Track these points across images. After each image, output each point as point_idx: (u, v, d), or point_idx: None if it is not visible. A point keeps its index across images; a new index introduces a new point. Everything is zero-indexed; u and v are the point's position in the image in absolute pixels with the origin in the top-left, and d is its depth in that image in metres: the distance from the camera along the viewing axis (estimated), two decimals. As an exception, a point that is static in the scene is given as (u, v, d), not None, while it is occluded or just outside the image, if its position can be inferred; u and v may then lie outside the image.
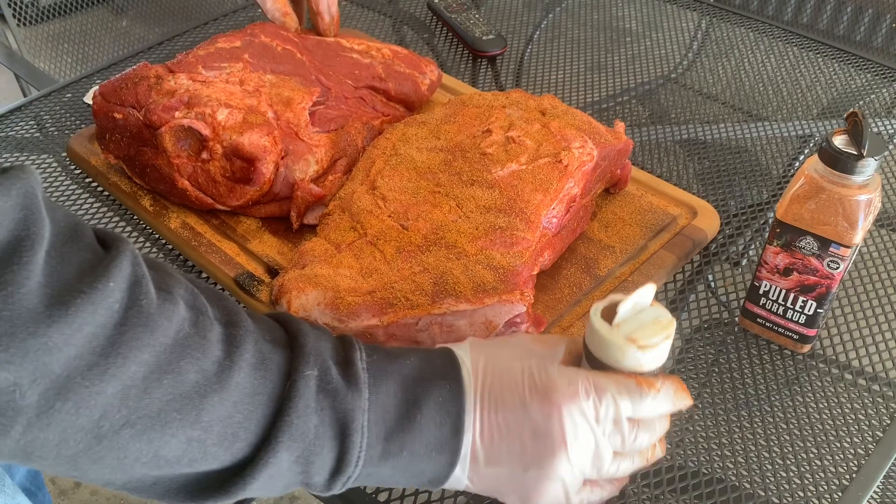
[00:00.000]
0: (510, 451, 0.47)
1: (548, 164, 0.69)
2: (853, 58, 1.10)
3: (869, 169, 0.58)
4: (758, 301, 0.67)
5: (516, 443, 0.47)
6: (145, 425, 0.40)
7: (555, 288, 0.69)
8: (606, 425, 0.48)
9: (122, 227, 0.79)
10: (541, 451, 0.47)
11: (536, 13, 1.22)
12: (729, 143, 0.94)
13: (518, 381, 0.48)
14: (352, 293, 0.61)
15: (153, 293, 0.42)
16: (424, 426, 0.46)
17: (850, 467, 0.59)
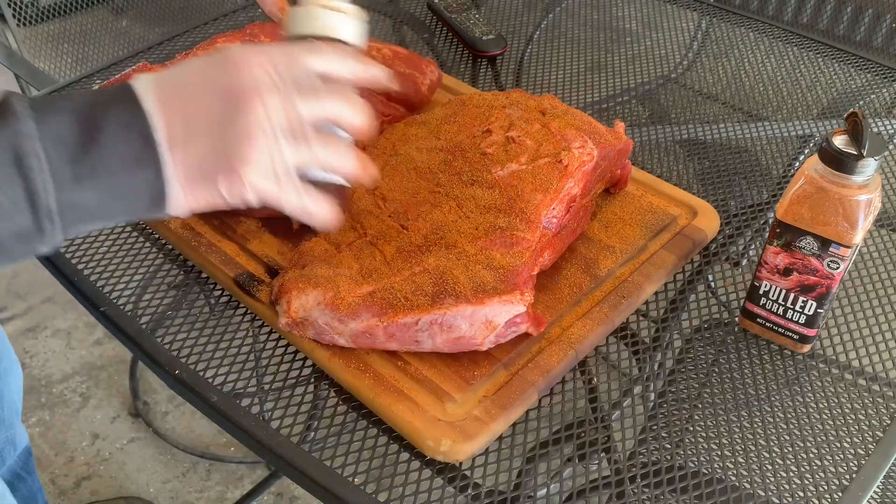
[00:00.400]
0: (207, 126, 0.48)
1: (548, 164, 0.69)
2: (853, 58, 1.10)
3: (869, 169, 0.58)
4: (758, 301, 0.67)
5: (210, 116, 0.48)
6: None
7: (555, 288, 0.69)
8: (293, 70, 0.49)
9: (122, 227, 0.79)
10: (234, 108, 0.48)
11: (536, 13, 1.22)
12: (729, 143, 0.94)
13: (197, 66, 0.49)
14: (352, 293, 0.61)
15: None
16: (111, 144, 0.46)
17: (850, 467, 0.59)
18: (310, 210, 0.53)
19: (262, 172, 0.49)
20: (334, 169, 0.53)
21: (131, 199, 0.47)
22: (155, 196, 0.48)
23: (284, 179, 0.51)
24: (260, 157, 0.49)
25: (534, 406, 0.63)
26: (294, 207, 0.52)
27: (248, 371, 0.65)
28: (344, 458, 0.59)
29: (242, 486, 1.46)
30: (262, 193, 0.50)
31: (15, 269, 1.89)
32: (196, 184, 0.49)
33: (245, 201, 0.50)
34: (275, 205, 0.51)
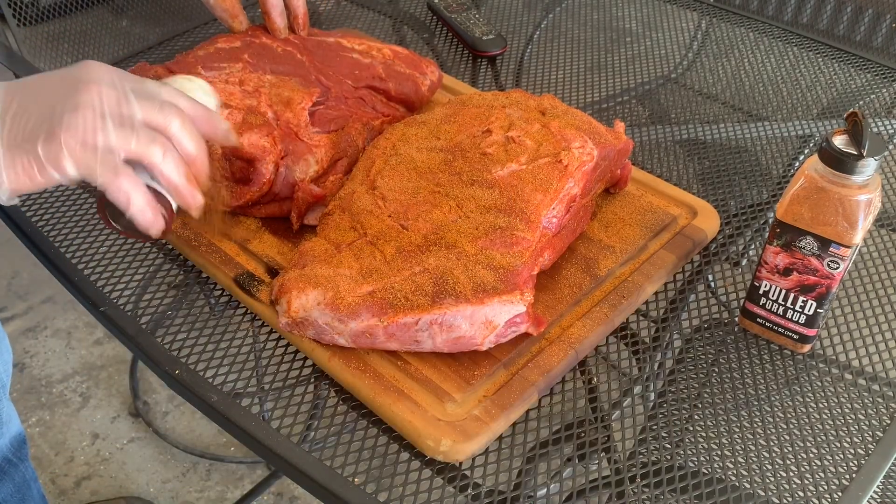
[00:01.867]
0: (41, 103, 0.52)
1: (548, 164, 0.69)
2: (853, 58, 1.10)
3: (869, 169, 0.58)
4: (758, 301, 0.67)
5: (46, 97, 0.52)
6: None
7: (555, 288, 0.69)
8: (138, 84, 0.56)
9: (122, 227, 0.79)
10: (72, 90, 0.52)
11: (536, 13, 1.22)
12: (729, 143, 0.94)
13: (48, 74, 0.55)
14: (352, 293, 0.61)
15: None
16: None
17: (850, 467, 0.59)
18: (125, 193, 0.54)
19: (81, 141, 0.52)
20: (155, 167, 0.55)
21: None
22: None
23: (103, 156, 0.53)
24: (82, 126, 0.52)
25: (534, 406, 0.63)
26: (109, 185, 0.53)
27: (248, 371, 0.65)
28: (344, 458, 0.59)
29: (242, 486, 1.46)
30: (78, 161, 0.52)
31: (15, 269, 1.89)
32: (18, 150, 0.51)
33: (62, 170, 0.52)
34: (91, 179, 0.53)
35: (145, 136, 0.54)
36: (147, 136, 0.54)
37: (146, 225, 0.56)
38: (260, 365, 0.66)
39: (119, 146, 0.53)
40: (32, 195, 0.81)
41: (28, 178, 0.52)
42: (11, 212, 0.79)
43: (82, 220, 0.79)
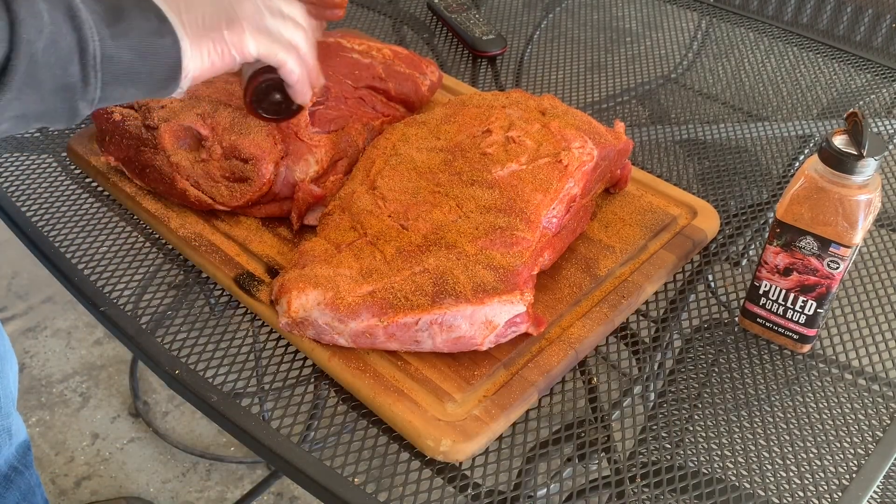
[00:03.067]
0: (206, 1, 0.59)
1: (548, 164, 0.69)
2: (853, 58, 1.10)
3: (869, 169, 0.58)
4: (758, 301, 0.67)
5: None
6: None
7: (555, 288, 0.69)
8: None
9: (122, 227, 0.79)
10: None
11: (536, 13, 1.22)
12: (729, 143, 0.94)
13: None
14: (352, 293, 0.61)
15: None
16: (135, 19, 0.54)
17: (850, 467, 0.59)
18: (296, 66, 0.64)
19: (257, 27, 0.60)
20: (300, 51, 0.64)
21: (156, 62, 0.55)
22: (174, 61, 0.56)
23: (275, 37, 0.62)
24: (253, 14, 0.60)
25: (534, 406, 0.63)
26: (286, 62, 0.63)
27: (248, 371, 0.65)
28: (344, 458, 0.59)
29: (242, 486, 1.46)
30: (259, 43, 0.61)
31: (15, 269, 1.89)
32: (204, 38, 0.58)
33: (245, 52, 0.60)
34: (268, 58, 0.62)
35: (291, 23, 0.64)
36: (291, 23, 0.64)
37: (305, 97, 0.67)
38: (260, 365, 0.66)
39: (279, 30, 0.62)
40: (32, 195, 0.81)
41: (211, 63, 0.59)
42: (11, 212, 0.79)
43: (82, 220, 0.79)
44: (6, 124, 0.51)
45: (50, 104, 0.52)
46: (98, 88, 0.53)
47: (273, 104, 0.68)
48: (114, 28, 0.53)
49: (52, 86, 0.51)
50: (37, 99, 0.51)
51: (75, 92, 0.52)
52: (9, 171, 0.85)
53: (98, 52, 0.52)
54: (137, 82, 0.55)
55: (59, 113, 0.53)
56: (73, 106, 0.53)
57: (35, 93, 0.50)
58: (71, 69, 0.51)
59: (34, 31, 0.49)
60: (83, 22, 0.51)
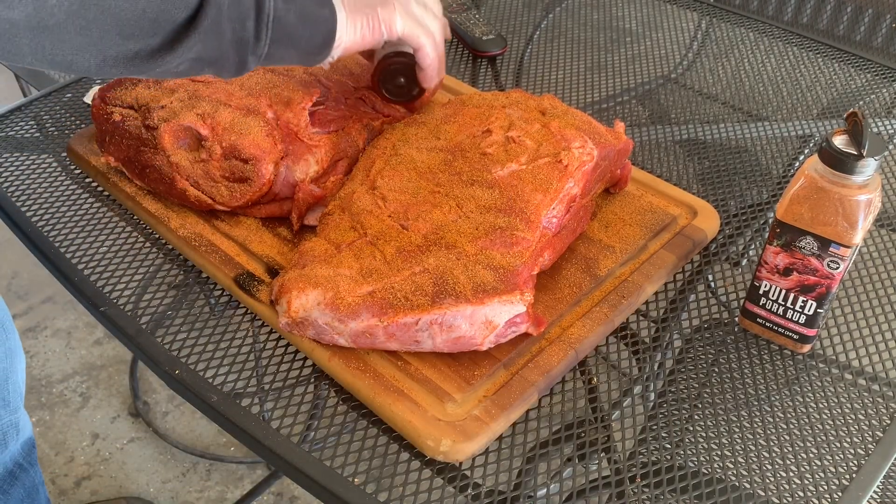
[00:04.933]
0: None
1: (548, 164, 0.69)
2: (853, 58, 1.10)
3: (869, 169, 0.58)
4: (758, 301, 0.67)
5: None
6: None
7: (555, 288, 0.69)
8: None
9: (122, 226, 0.79)
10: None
11: (536, 13, 1.22)
12: (729, 143, 0.94)
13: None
14: (352, 293, 0.61)
15: None
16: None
17: (850, 467, 0.59)
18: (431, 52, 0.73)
19: (406, 10, 0.69)
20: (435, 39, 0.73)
21: (314, 28, 0.63)
22: (330, 30, 0.65)
23: (420, 22, 0.71)
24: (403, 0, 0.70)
25: (534, 406, 0.63)
26: (426, 45, 0.72)
27: (248, 371, 0.65)
28: (344, 458, 0.59)
29: (242, 486, 1.46)
30: (406, 24, 0.69)
31: (15, 269, 1.89)
32: (359, 13, 0.67)
33: (393, 31, 0.69)
34: (411, 40, 0.71)
35: (432, 16, 0.73)
36: (433, 16, 0.73)
37: (432, 82, 0.76)
38: (260, 365, 0.66)
39: (422, 18, 0.71)
40: (32, 195, 0.81)
41: (361, 38, 0.68)
42: (11, 212, 0.79)
43: (82, 220, 0.79)
44: (186, 65, 0.57)
45: (226, 52, 0.58)
46: (266, 45, 0.59)
47: (397, 86, 0.79)
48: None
49: (231, 37, 0.57)
50: (216, 46, 0.56)
51: (248, 46, 0.59)
52: (9, 171, 0.85)
53: (272, 13, 0.59)
54: (298, 45, 0.62)
55: (231, 63, 0.59)
56: (243, 59, 0.59)
57: (216, 40, 0.56)
58: (248, 24, 0.58)
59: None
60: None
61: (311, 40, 0.63)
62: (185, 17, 0.55)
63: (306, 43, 0.63)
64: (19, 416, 1.01)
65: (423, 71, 0.74)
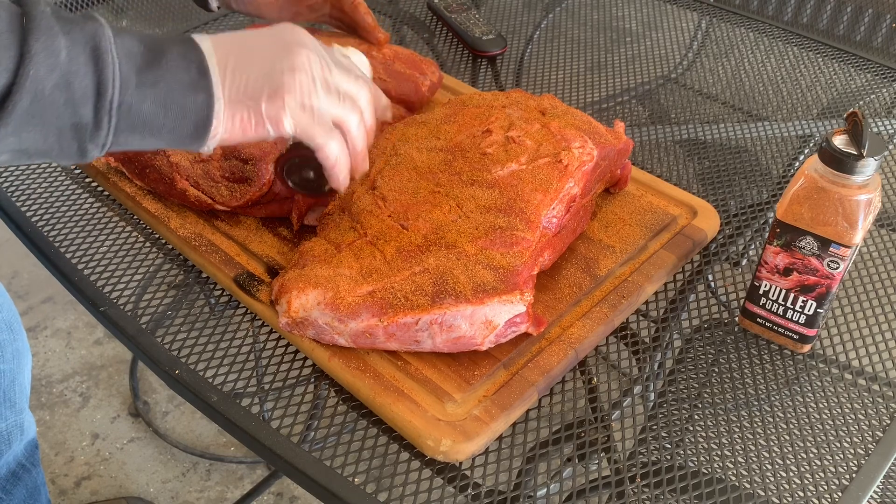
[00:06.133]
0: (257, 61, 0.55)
1: (548, 164, 0.69)
2: (853, 58, 1.10)
3: (869, 169, 0.58)
4: (758, 301, 0.67)
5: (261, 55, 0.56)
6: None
7: (555, 288, 0.69)
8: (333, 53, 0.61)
9: (122, 226, 0.79)
10: (284, 51, 0.56)
11: (536, 13, 1.22)
12: (729, 143, 0.94)
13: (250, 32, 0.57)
14: (352, 293, 0.61)
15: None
16: (172, 68, 0.51)
17: (850, 467, 0.59)
18: (335, 154, 0.59)
19: (300, 104, 0.56)
20: (349, 133, 0.60)
21: (180, 118, 0.52)
22: (201, 120, 0.53)
23: (318, 117, 0.57)
24: (300, 89, 0.55)
25: (534, 406, 0.63)
26: (324, 146, 0.59)
27: (248, 371, 0.65)
28: (344, 458, 0.59)
29: (242, 486, 1.46)
30: (297, 121, 0.56)
31: (15, 269, 1.89)
32: (240, 104, 0.54)
33: (280, 128, 0.56)
34: (306, 138, 0.58)
35: (347, 104, 0.59)
36: (348, 104, 0.59)
37: (341, 184, 0.62)
38: (260, 365, 0.66)
39: (328, 110, 0.58)
40: (32, 195, 0.81)
41: (242, 132, 0.55)
42: (11, 212, 0.79)
43: (82, 220, 0.79)
44: (4, 156, 0.49)
45: (54, 142, 0.49)
46: (110, 134, 0.50)
47: (304, 180, 0.66)
48: (143, 75, 0.50)
49: (59, 125, 0.48)
50: (39, 136, 0.48)
51: (84, 133, 0.49)
52: (9, 170, 0.85)
53: (116, 99, 0.49)
54: (157, 135, 0.53)
55: (65, 152, 0.50)
56: (81, 146, 0.50)
57: (37, 130, 0.48)
58: (82, 111, 0.49)
59: (45, 68, 0.46)
60: (107, 64, 0.49)
61: (175, 131, 0.53)
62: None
63: (170, 133, 0.53)
64: (24, 416, 1.01)
65: (327, 171, 0.61)
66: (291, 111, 0.55)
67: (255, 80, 0.54)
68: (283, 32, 0.58)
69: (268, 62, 0.55)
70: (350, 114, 0.59)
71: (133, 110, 0.50)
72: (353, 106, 0.60)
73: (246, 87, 0.54)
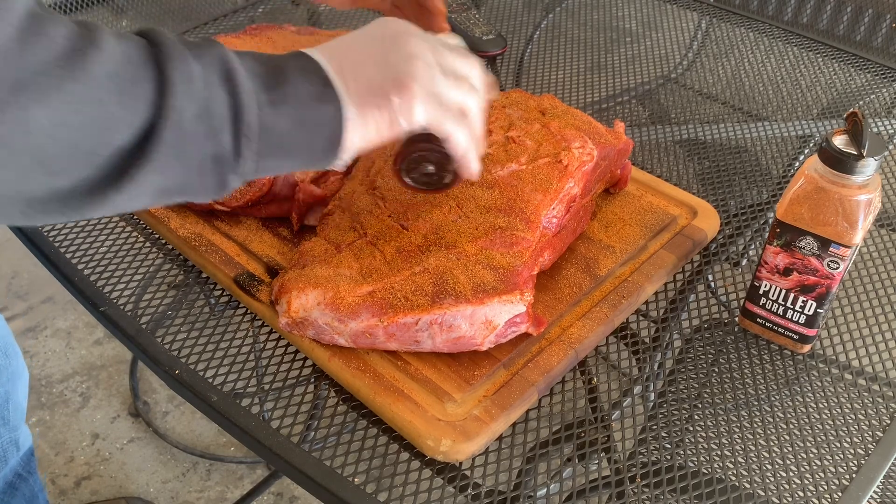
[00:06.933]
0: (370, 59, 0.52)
1: (548, 164, 0.69)
2: (853, 58, 1.10)
3: (869, 169, 0.58)
4: (758, 301, 0.67)
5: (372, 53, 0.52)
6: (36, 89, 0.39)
7: (555, 288, 0.69)
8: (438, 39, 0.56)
9: (122, 226, 0.79)
10: (393, 43, 0.53)
11: (536, 13, 1.22)
12: (729, 143, 0.94)
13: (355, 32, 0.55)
14: (352, 293, 0.61)
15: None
16: (296, 83, 0.49)
17: (850, 467, 0.59)
18: (465, 140, 0.56)
19: (428, 91, 0.52)
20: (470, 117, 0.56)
21: (315, 132, 0.50)
22: (335, 131, 0.50)
23: (445, 104, 0.54)
24: (424, 74, 0.52)
25: (534, 406, 0.63)
26: (454, 133, 0.55)
27: (248, 371, 0.65)
28: (344, 458, 0.59)
29: (242, 486, 1.46)
30: (429, 112, 0.53)
31: (15, 269, 1.89)
32: (369, 105, 0.51)
33: (413, 120, 0.52)
34: (436, 128, 0.54)
35: (465, 86, 0.56)
36: (466, 86, 0.56)
37: (469, 172, 0.59)
38: (260, 365, 0.66)
39: (450, 95, 0.54)
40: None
41: (377, 133, 0.52)
42: (11, 212, 0.79)
43: (82, 219, 0.79)
44: (146, 198, 0.45)
45: (195, 177, 0.46)
46: (252, 160, 0.47)
47: (425, 175, 0.61)
48: (273, 93, 0.47)
49: (200, 156, 0.45)
50: (181, 172, 0.45)
51: (225, 164, 0.46)
52: (9, 171, 0.85)
53: (255, 121, 0.46)
54: (294, 154, 0.50)
55: (207, 186, 0.47)
56: (222, 179, 0.47)
57: (180, 166, 0.44)
58: (222, 138, 0.45)
59: (185, 98, 0.43)
60: (241, 87, 0.46)
61: (311, 146, 0.50)
62: (130, 142, 0.42)
63: (306, 150, 0.50)
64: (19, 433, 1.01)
65: (455, 161, 0.58)
66: (422, 100, 0.52)
67: (376, 76, 0.51)
68: (383, 26, 0.55)
69: (381, 56, 0.52)
70: (470, 96, 0.56)
71: (270, 131, 0.47)
72: (471, 87, 0.56)
73: (370, 85, 0.51)
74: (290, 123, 0.48)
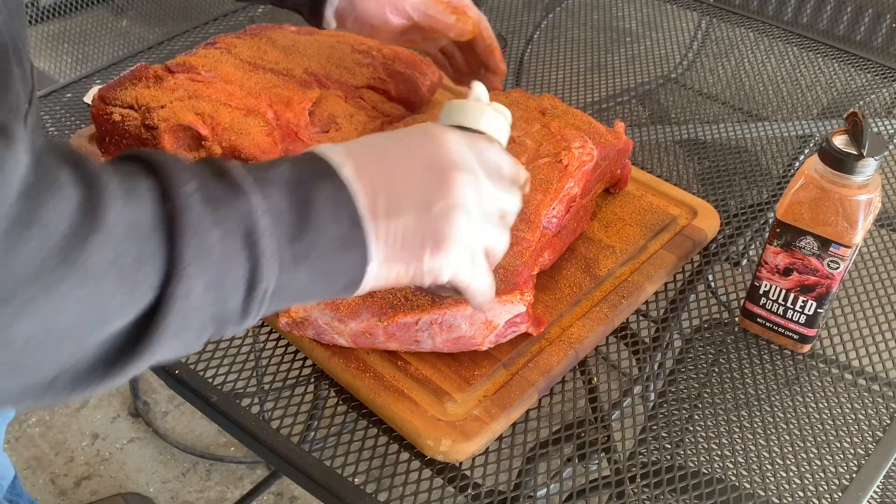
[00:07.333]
0: (410, 198, 0.46)
1: (548, 164, 0.69)
2: (853, 58, 1.10)
3: (869, 169, 0.58)
4: (758, 301, 0.67)
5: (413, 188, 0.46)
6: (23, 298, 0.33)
7: (555, 288, 0.69)
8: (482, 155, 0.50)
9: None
10: (439, 181, 0.47)
11: (536, 13, 1.22)
12: (729, 143, 0.94)
13: (393, 136, 0.49)
14: (352, 293, 0.61)
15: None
16: (323, 224, 0.43)
17: (850, 467, 0.59)
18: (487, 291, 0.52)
19: (463, 251, 0.48)
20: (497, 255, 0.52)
21: (331, 282, 0.45)
22: (353, 279, 0.45)
23: (478, 260, 0.50)
24: (464, 232, 0.47)
25: (534, 406, 0.63)
26: (477, 289, 0.51)
27: (248, 371, 0.65)
28: (344, 458, 0.59)
29: (242, 486, 1.46)
30: (458, 273, 0.49)
31: (15, 269, 1.89)
32: (395, 260, 0.46)
33: (438, 281, 0.48)
34: (459, 284, 0.50)
35: (500, 227, 0.51)
36: (500, 226, 0.51)
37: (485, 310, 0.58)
38: (260, 365, 0.66)
39: (483, 245, 0.50)
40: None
41: (395, 282, 0.47)
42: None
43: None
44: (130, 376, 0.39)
45: (196, 341, 0.41)
46: (256, 317, 0.42)
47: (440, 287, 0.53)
48: (297, 244, 0.42)
49: (202, 323, 0.40)
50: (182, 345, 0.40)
51: (227, 323, 0.41)
52: (9, 171, 0.85)
53: (271, 286, 0.41)
54: (303, 300, 0.46)
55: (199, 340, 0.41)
56: (218, 332, 0.42)
57: (181, 339, 0.39)
58: (231, 303, 0.40)
59: (198, 277, 0.38)
60: (263, 252, 0.40)
61: (324, 293, 0.46)
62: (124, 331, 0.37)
63: (321, 295, 0.46)
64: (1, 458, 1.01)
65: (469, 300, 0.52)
66: (453, 263, 0.48)
67: (411, 226, 0.46)
68: (437, 148, 0.48)
69: (421, 199, 0.46)
70: (501, 239, 0.51)
71: (284, 289, 0.42)
72: (505, 226, 0.51)
73: (404, 239, 0.46)
74: (308, 278, 0.43)
